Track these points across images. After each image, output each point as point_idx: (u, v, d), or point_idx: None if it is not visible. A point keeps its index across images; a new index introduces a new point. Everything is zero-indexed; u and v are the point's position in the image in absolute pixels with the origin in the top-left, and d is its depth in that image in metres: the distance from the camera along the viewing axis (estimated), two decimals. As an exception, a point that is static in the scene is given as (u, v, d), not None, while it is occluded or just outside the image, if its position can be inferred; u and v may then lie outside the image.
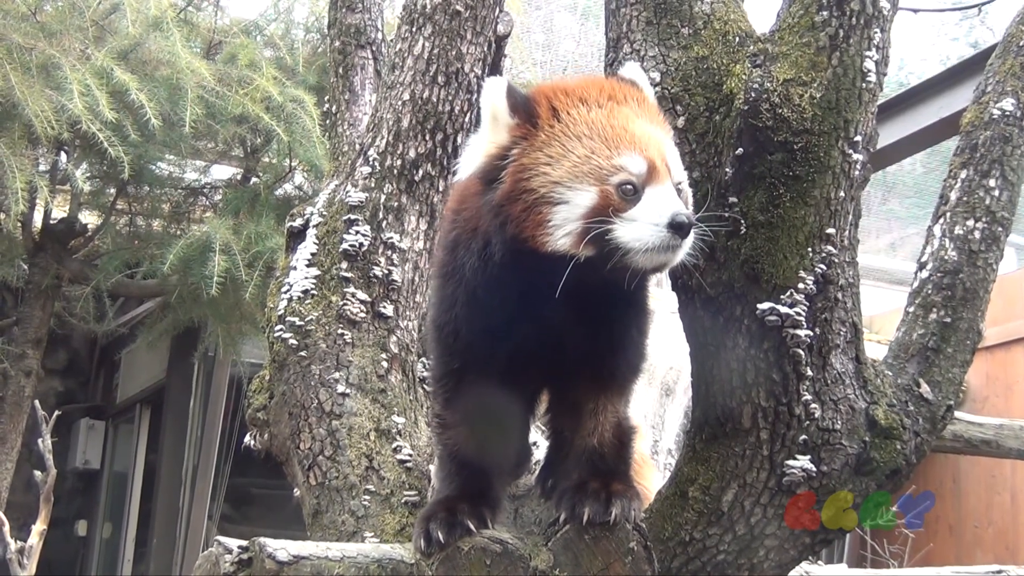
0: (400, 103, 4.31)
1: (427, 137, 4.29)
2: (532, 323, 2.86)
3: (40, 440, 8.29)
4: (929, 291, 3.60)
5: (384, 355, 4.15)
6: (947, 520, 10.84)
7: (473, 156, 2.88)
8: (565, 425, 3.12)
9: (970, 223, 3.62)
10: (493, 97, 2.83)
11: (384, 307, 4.19)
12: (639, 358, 3.12)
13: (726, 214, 3.09)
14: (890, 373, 3.46)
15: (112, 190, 10.55)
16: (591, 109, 2.80)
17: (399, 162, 4.28)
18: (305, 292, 4.16)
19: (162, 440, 13.16)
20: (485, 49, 4.41)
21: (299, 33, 10.77)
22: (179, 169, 10.75)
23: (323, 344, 4.09)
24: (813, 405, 3.17)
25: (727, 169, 3.11)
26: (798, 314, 3.09)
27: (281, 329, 4.13)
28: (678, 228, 2.63)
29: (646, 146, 2.76)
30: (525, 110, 2.80)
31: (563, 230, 2.67)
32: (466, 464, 3.08)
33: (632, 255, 2.65)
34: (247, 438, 4.38)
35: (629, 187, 2.68)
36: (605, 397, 3.02)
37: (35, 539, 8.14)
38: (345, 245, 4.19)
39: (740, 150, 3.08)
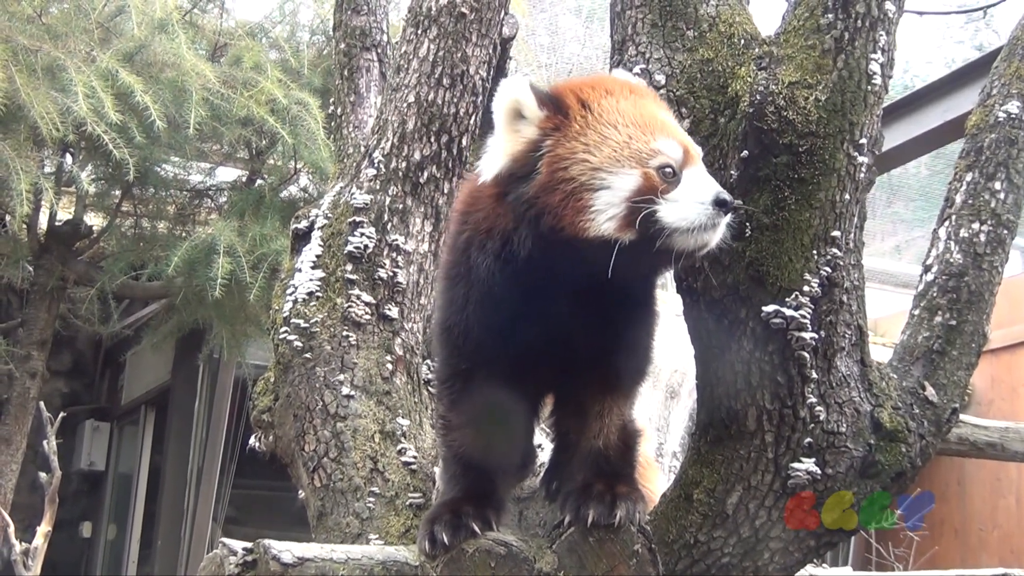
0: (405, 105, 4.31)
1: (432, 139, 4.30)
2: (545, 323, 2.87)
3: (45, 441, 8.31)
4: (934, 294, 3.59)
5: (389, 357, 4.15)
6: (952, 523, 10.81)
7: (494, 157, 2.86)
8: (570, 427, 3.11)
9: (975, 226, 3.62)
10: (515, 95, 2.82)
11: (389, 309, 4.19)
12: (647, 361, 3.13)
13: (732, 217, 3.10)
14: (895, 376, 3.46)
15: (117, 192, 10.55)
16: (619, 100, 2.83)
17: (404, 164, 4.28)
18: (310, 294, 4.17)
19: (167, 442, 13.18)
20: (490, 51, 4.42)
21: (304, 35, 10.78)
22: (184, 171, 10.74)
23: (328, 346, 4.09)
24: (818, 408, 3.17)
25: (732, 172, 3.11)
26: (803, 316, 3.09)
27: (286, 331, 4.14)
28: (722, 204, 2.68)
29: (675, 131, 2.82)
30: (553, 103, 2.81)
31: (606, 214, 2.68)
32: (471, 466, 3.08)
33: (677, 235, 2.67)
34: (252, 440, 4.38)
35: (669, 170, 2.72)
36: (612, 399, 3.02)
37: (40, 540, 8.17)
38: (350, 247, 4.19)
39: (745, 153, 3.08)
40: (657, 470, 4.07)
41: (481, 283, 2.89)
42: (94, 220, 11.01)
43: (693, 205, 2.68)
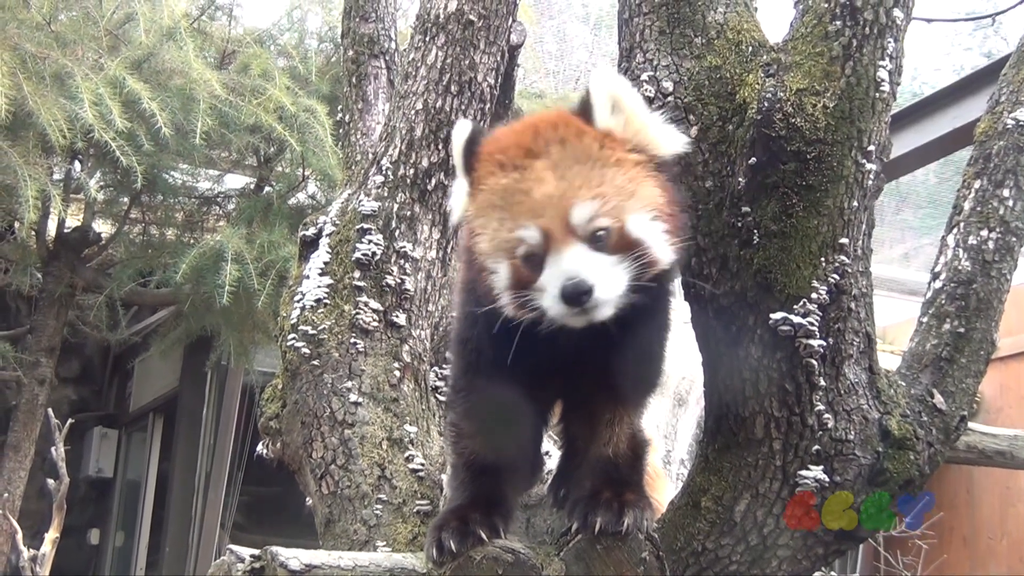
0: (413, 112, 4.31)
1: (440, 146, 4.30)
2: (558, 340, 2.86)
3: (53, 448, 8.32)
4: (943, 301, 3.59)
5: (396, 364, 4.15)
6: (961, 531, 10.77)
7: (456, 203, 2.93)
8: (579, 435, 3.11)
9: (984, 233, 3.61)
10: (455, 145, 2.86)
11: (396, 316, 4.19)
12: (659, 372, 3.12)
13: (739, 223, 3.10)
14: (903, 383, 3.45)
15: (125, 199, 10.59)
16: (505, 174, 2.73)
17: (412, 171, 4.28)
18: (318, 301, 4.17)
19: (175, 449, 13.19)
20: (498, 59, 4.42)
21: (312, 43, 10.81)
22: (192, 178, 10.77)
23: (336, 353, 4.09)
24: (826, 415, 3.17)
25: (740, 179, 3.11)
26: (811, 324, 3.08)
27: (294, 338, 4.13)
28: (570, 300, 2.56)
29: (542, 211, 2.63)
30: (468, 171, 2.83)
31: (503, 298, 2.72)
32: (480, 473, 3.07)
33: (559, 320, 2.63)
34: (259, 447, 4.38)
35: (534, 258, 2.65)
36: (623, 408, 3.01)
37: (48, 547, 8.17)
38: (358, 254, 4.19)
39: (753, 160, 3.08)
40: (665, 478, 4.07)
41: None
42: (102, 227, 11.04)
43: (549, 299, 2.60)
